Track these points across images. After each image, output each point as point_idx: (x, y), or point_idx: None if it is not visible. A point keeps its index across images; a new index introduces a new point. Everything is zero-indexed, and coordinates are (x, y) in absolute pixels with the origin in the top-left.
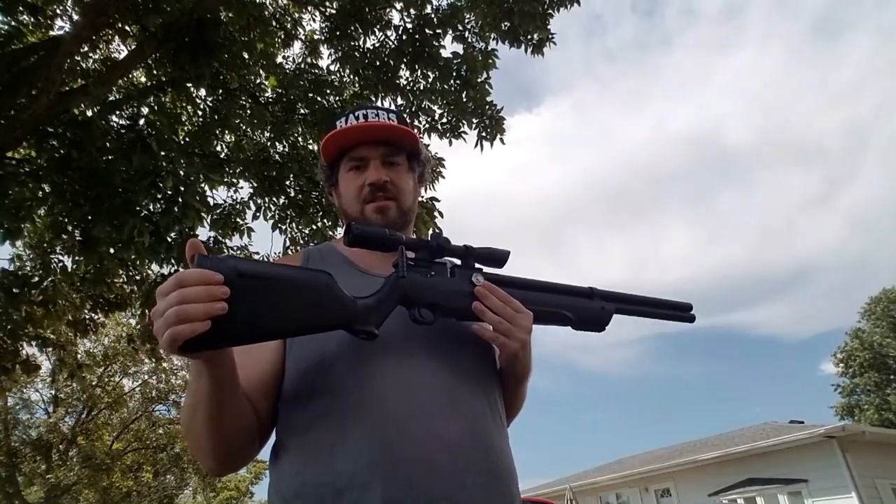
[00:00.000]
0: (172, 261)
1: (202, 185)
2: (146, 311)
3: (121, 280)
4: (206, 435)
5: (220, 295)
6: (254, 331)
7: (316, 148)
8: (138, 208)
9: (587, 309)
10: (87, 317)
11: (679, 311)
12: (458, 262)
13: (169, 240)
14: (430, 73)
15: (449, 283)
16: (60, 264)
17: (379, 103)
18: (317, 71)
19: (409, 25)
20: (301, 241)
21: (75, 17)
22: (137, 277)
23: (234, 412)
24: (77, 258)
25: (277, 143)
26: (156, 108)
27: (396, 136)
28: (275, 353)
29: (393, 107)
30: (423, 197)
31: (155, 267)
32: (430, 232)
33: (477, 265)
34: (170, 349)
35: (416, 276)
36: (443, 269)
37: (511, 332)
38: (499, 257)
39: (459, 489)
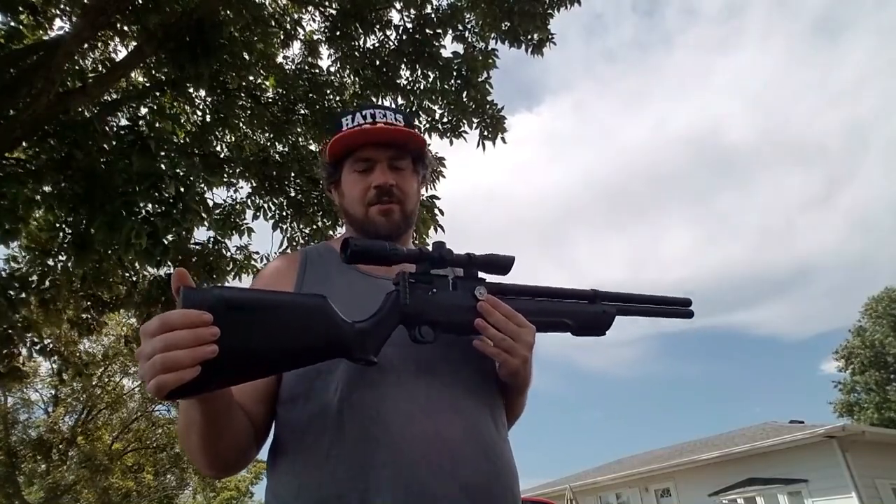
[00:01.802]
0: (168, 264)
1: (201, 185)
2: (143, 312)
3: (118, 281)
4: (201, 452)
5: (209, 337)
6: (245, 370)
7: (316, 148)
8: (137, 210)
9: (588, 314)
10: (89, 316)
11: (678, 307)
12: (460, 271)
13: (165, 242)
14: (430, 73)
15: (451, 298)
16: (61, 263)
17: (379, 103)
18: (316, 71)
19: (409, 25)
20: (301, 241)
21: (75, 18)
22: (134, 279)
23: (229, 433)
24: (71, 259)
25: (277, 144)
26: (155, 108)
27: (405, 140)
28: None
29: (394, 106)
30: (423, 195)
31: (150, 269)
32: (431, 230)
33: (480, 274)
34: (157, 396)
35: (418, 294)
36: (444, 283)
37: (514, 348)
38: (502, 264)
39: (461, 490)
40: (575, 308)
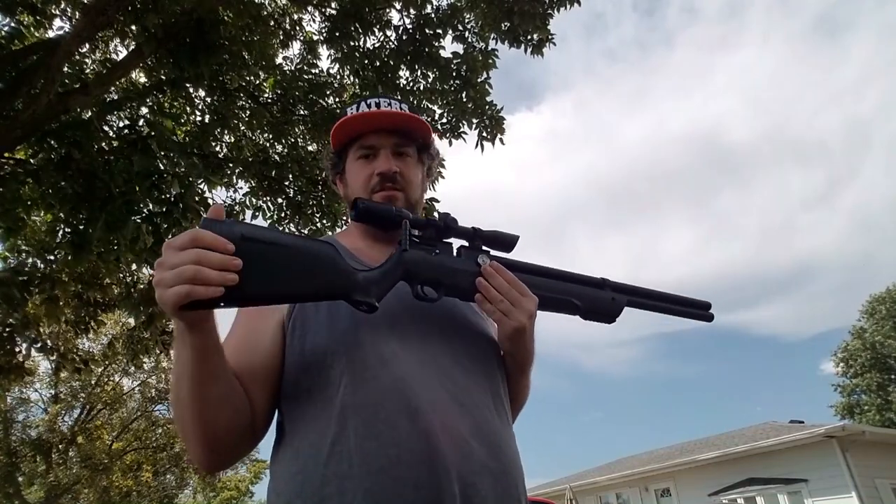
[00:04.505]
0: None
1: (201, 185)
2: (141, 312)
3: (113, 282)
4: (191, 409)
5: (233, 267)
6: (252, 294)
7: (315, 148)
8: (138, 209)
9: (597, 299)
10: (85, 314)
11: (697, 309)
12: (465, 243)
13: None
14: (430, 73)
15: (454, 262)
16: (61, 257)
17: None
18: (316, 71)
19: (408, 25)
20: None
21: (75, 18)
22: (128, 280)
23: (220, 385)
24: (69, 258)
25: (277, 144)
26: (155, 108)
27: (409, 127)
28: (273, 345)
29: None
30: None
31: (147, 270)
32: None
33: (484, 248)
34: (176, 303)
35: (421, 252)
36: (448, 249)
37: (511, 312)
38: (507, 241)
39: (467, 488)
40: (583, 291)
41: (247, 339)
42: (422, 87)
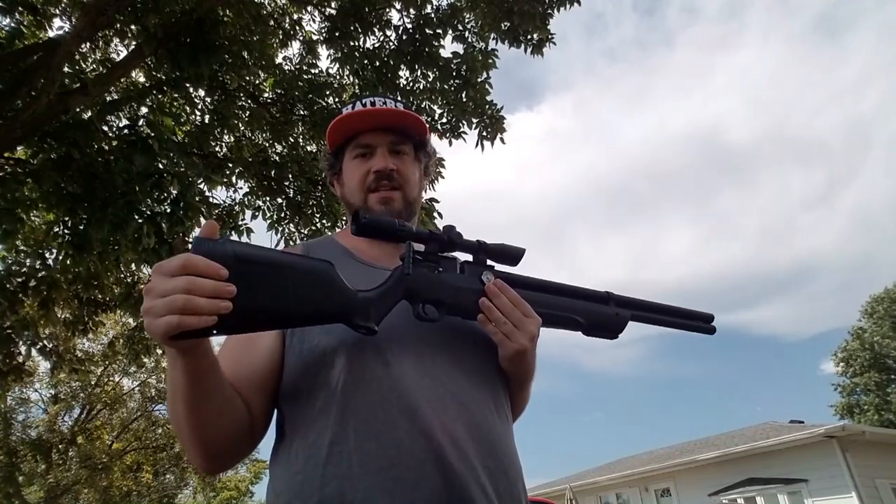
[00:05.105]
0: None
1: (201, 185)
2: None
3: (112, 282)
4: (187, 424)
5: (226, 294)
6: (247, 321)
7: (315, 148)
8: (140, 209)
9: (600, 314)
10: (83, 314)
11: (700, 322)
12: (469, 257)
13: (170, 241)
14: (429, 73)
15: (457, 280)
16: (59, 262)
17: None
18: (315, 72)
19: (408, 25)
20: (299, 242)
21: (75, 18)
22: (128, 280)
23: (216, 401)
24: (68, 259)
25: (277, 144)
26: (155, 108)
27: (405, 124)
28: (272, 347)
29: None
30: (423, 197)
31: (147, 270)
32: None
33: (489, 262)
34: (165, 334)
35: (423, 271)
36: (452, 265)
37: (513, 334)
38: (513, 255)
39: (466, 489)
40: (586, 307)
41: (244, 344)
42: (422, 87)
